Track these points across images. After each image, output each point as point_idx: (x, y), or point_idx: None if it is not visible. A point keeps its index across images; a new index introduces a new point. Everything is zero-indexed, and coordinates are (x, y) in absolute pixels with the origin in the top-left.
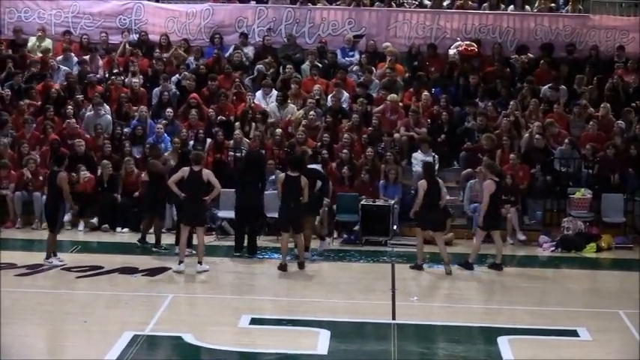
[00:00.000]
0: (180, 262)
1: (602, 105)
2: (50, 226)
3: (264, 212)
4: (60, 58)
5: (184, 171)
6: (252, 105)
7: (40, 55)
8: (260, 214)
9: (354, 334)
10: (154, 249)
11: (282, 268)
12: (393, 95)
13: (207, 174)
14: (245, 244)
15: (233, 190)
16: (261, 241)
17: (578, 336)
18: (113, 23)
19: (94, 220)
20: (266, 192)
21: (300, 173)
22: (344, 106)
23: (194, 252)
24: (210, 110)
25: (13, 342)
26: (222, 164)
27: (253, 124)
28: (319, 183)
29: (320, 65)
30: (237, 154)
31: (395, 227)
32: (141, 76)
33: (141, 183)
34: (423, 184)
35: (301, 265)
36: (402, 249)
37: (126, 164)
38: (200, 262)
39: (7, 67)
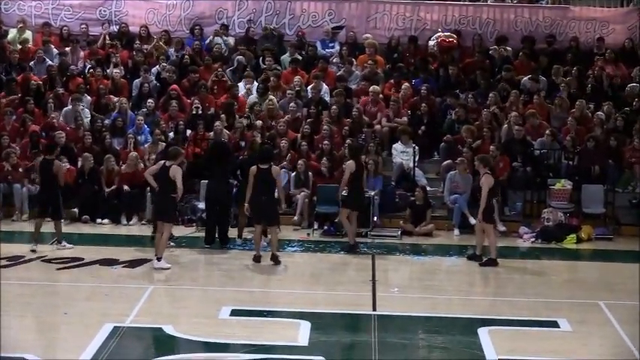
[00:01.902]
0: (158, 258)
1: (577, 102)
2: (54, 213)
3: (231, 202)
4: (41, 49)
5: (159, 164)
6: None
7: (20, 46)
8: (228, 204)
9: (334, 326)
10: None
11: (257, 259)
12: (375, 87)
13: (174, 171)
14: (217, 235)
15: None
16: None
17: (559, 327)
18: (93, 15)
19: (74, 211)
20: None
21: (270, 165)
22: (325, 97)
23: (172, 244)
24: (196, 102)
25: None
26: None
27: (237, 116)
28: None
29: (300, 57)
30: None
31: (375, 218)
32: (122, 67)
33: (118, 175)
34: (350, 164)
35: (274, 259)
36: (382, 240)
37: (107, 161)
38: (158, 258)
39: None
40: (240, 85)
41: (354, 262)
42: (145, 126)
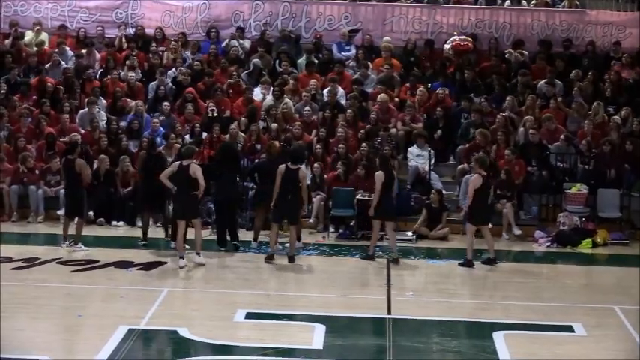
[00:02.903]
0: (181, 257)
1: (594, 104)
2: (77, 212)
3: (241, 204)
4: (56, 52)
5: (175, 166)
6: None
7: (36, 49)
8: (238, 206)
9: (349, 329)
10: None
11: (270, 258)
12: (383, 95)
13: (195, 169)
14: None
15: None
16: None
17: (574, 331)
18: (109, 17)
19: (90, 214)
20: None
21: (299, 166)
22: (341, 101)
23: (187, 246)
24: (211, 105)
25: (9, 335)
26: None
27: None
28: None
29: (316, 61)
30: None
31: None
32: (139, 70)
33: (133, 177)
34: (380, 175)
35: (291, 259)
36: (397, 243)
37: (122, 162)
38: (198, 254)
39: (5, 61)
40: (257, 89)
41: (369, 266)
42: (161, 129)
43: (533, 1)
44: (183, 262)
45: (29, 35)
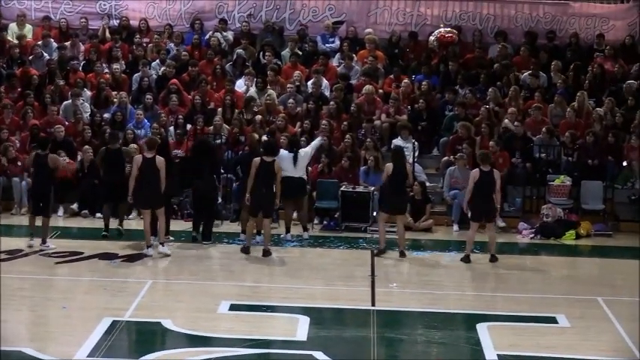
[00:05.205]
0: (148, 246)
1: (578, 93)
2: (44, 210)
3: (217, 199)
4: (39, 43)
5: (138, 160)
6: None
7: (17, 41)
8: (214, 201)
9: (333, 321)
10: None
11: (245, 250)
12: (368, 87)
13: (160, 162)
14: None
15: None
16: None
17: (557, 323)
18: (93, 9)
19: (74, 206)
20: None
21: (274, 158)
22: (325, 92)
23: (170, 238)
24: (197, 98)
25: None
26: None
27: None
28: None
29: (300, 52)
30: (218, 141)
31: (375, 214)
32: (123, 62)
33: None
34: (388, 167)
35: (266, 253)
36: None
37: None
38: (162, 244)
39: None
40: (240, 81)
41: (353, 258)
42: (146, 120)
43: None
44: (150, 251)
45: (12, 27)
